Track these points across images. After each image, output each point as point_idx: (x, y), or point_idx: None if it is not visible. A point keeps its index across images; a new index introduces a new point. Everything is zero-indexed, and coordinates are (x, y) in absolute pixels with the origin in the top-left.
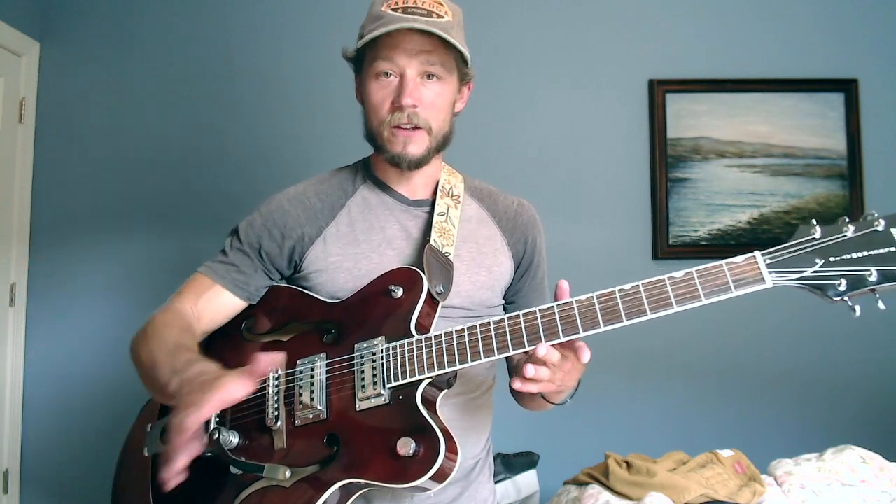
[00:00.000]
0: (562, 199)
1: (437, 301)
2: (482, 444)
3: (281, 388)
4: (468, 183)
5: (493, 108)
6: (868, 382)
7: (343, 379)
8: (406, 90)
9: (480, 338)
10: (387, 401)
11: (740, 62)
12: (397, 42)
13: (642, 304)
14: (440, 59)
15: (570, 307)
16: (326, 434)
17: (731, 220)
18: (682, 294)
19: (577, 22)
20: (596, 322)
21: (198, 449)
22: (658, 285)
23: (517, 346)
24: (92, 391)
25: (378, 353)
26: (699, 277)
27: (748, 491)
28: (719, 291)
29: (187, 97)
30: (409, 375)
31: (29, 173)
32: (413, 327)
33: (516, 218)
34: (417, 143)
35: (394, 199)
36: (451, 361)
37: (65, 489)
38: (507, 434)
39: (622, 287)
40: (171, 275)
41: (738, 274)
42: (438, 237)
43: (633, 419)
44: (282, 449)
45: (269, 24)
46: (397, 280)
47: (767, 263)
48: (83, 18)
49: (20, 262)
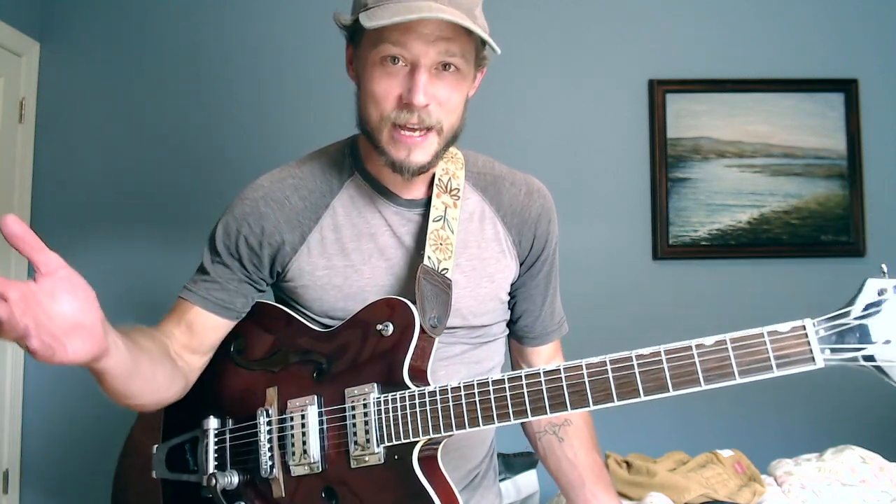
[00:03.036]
0: (561, 199)
1: (432, 336)
2: (486, 448)
3: (274, 435)
4: (469, 167)
5: (492, 108)
6: (868, 382)
7: (337, 430)
8: (419, 86)
9: (479, 401)
10: (381, 460)
11: (740, 62)
12: (411, 24)
13: (663, 377)
14: (461, 49)
15: (578, 373)
16: (324, 487)
17: (731, 220)
18: (711, 370)
19: (577, 22)
20: (609, 395)
21: None
22: (684, 355)
23: (519, 415)
24: (92, 391)
25: (370, 404)
26: (734, 349)
27: (748, 491)
28: (757, 370)
29: (187, 97)
30: (402, 436)
31: (29, 173)
32: (406, 374)
33: (524, 212)
34: (425, 149)
35: (384, 199)
36: (447, 426)
37: (65, 489)
38: (507, 434)
39: (640, 352)
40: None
41: (782, 349)
42: (434, 252)
43: (633, 419)
44: (281, 498)
45: (269, 24)
46: (386, 314)
47: (821, 337)
48: (83, 18)
49: (20, 262)
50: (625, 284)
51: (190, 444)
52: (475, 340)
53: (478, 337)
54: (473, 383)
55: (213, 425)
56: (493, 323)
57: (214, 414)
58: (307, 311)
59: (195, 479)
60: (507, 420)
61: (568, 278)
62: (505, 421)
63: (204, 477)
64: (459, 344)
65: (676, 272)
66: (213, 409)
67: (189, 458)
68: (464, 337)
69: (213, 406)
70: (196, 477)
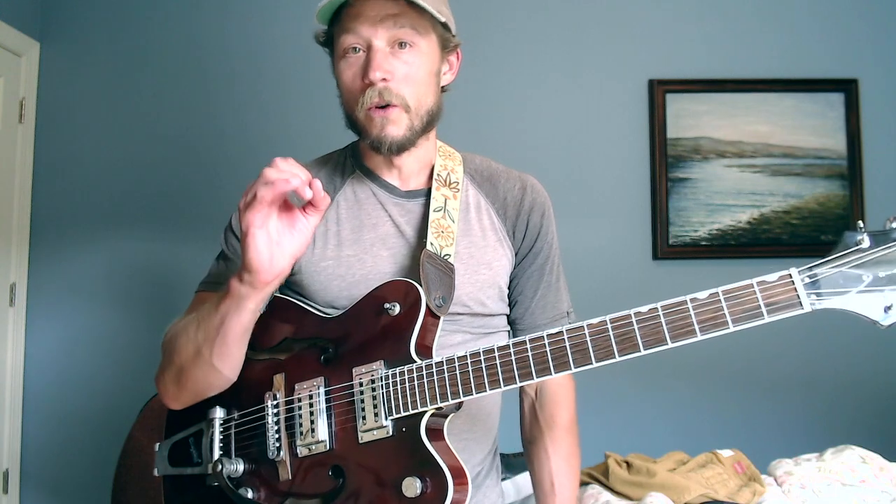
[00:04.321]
0: (561, 199)
1: (437, 315)
2: (489, 446)
3: (281, 417)
4: (467, 164)
5: (492, 108)
6: (868, 382)
7: (345, 408)
8: (373, 63)
9: (485, 367)
10: (390, 433)
11: (740, 62)
12: (358, 10)
13: (661, 331)
14: (410, 22)
15: (580, 333)
16: (331, 466)
17: (731, 220)
18: (706, 321)
19: (578, 22)
20: (610, 352)
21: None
22: (679, 309)
23: (525, 377)
24: (92, 391)
25: (378, 380)
26: (726, 300)
27: (748, 491)
28: (749, 317)
29: (187, 97)
30: (410, 407)
31: (29, 173)
32: (413, 350)
33: (518, 204)
34: (396, 124)
35: (384, 191)
36: (454, 393)
37: (65, 489)
38: (507, 434)
39: (638, 310)
40: (171, 274)
41: (771, 297)
42: (436, 238)
43: (634, 419)
44: (287, 480)
45: (269, 23)
46: (392, 295)
47: (806, 283)
48: (83, 18)
49: (20, 262)
50: (625, 284)
51: (193, 438)
52: (478, 330)
53: (480, 327)
54: (479, 350)
55: (219, 414)
56: (494, 313)
57: (221, 405)
58: (311, 301)
59: (199, 471)
60: (512, 383)
61: (568, 278)
62: (510, 384)
63: (209, 465)
64: (462, 332)
65: (676, 272)
66: (221, 400)
67: (193, 452)
68: (466, 325)
69: (221, 398)
70: (200, 469)
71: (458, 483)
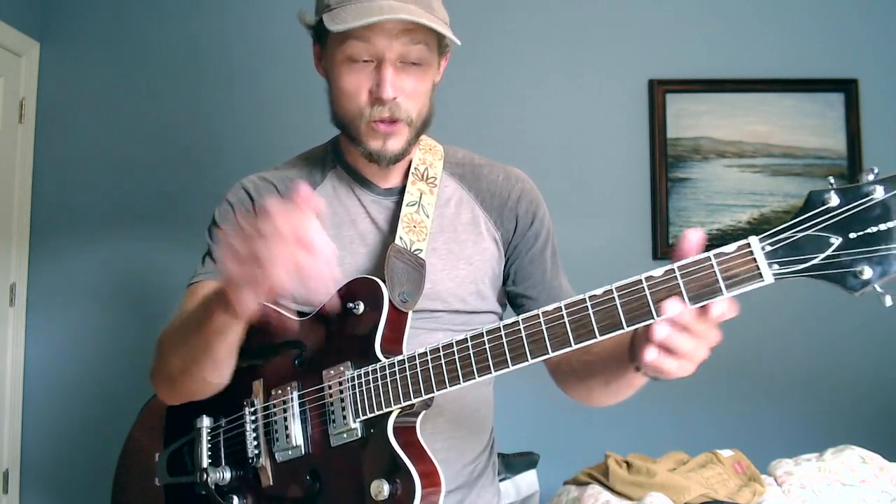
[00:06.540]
0: (561, 199)
1: (404, 311)
2: (483, 443)
3: (259, 424)
4: (448, 158)
5: (492, 108)
6: (868, 382)
7: (318, 412)
8: (386, 81)
9: (444, 364)
10: (359, 435)
11: (740, 62)
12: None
13: (616, 314)
14: (424, 39)
15: (536, 321)
16: (309, 470)
17: (731, 220)
18: (664, 300)
19: (578, 22)
20: (566, 340)
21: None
22: (635, 289)
23: (483, 371)
24: (92, 391)
25: (345, 381)
26: (682, 276)
27: (748, 491)
28: (707, 294)
29: (187, 97)
30: (377, 407)
31: (29, 173)
32: (379, 349)
33: (503, 195)
34: (398, 138)
35: (363, 189)
36: (416, 391)
37: (65, 489)
38: (507, 434)
39: (594, 293)
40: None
41: (729, 269)
42: (407, 233)
43: (634, 419)
44: (269, 486)
45: (268, 24)
46: (355, 294)
47: (767, 252)
48: (83, 18)
49: (20, 262)
50: None
51: (188, 447)
52: (460, 328)
53: (462, 325)
54: (439, 346)
55: (205, 423)
56: (477, 310)
57: (208, 413)
58: (291, 299)
59: (192, 480)
60: (471, 378)
61: (568, 278)
62: (469, 379)
63: (197, 474)
64: (443, 330)
65: None
66: (207, 409)
67: (187, 460)
68: (447, 323)
69: (208, 406)
70: (192, 477)
71: (427, 484)
